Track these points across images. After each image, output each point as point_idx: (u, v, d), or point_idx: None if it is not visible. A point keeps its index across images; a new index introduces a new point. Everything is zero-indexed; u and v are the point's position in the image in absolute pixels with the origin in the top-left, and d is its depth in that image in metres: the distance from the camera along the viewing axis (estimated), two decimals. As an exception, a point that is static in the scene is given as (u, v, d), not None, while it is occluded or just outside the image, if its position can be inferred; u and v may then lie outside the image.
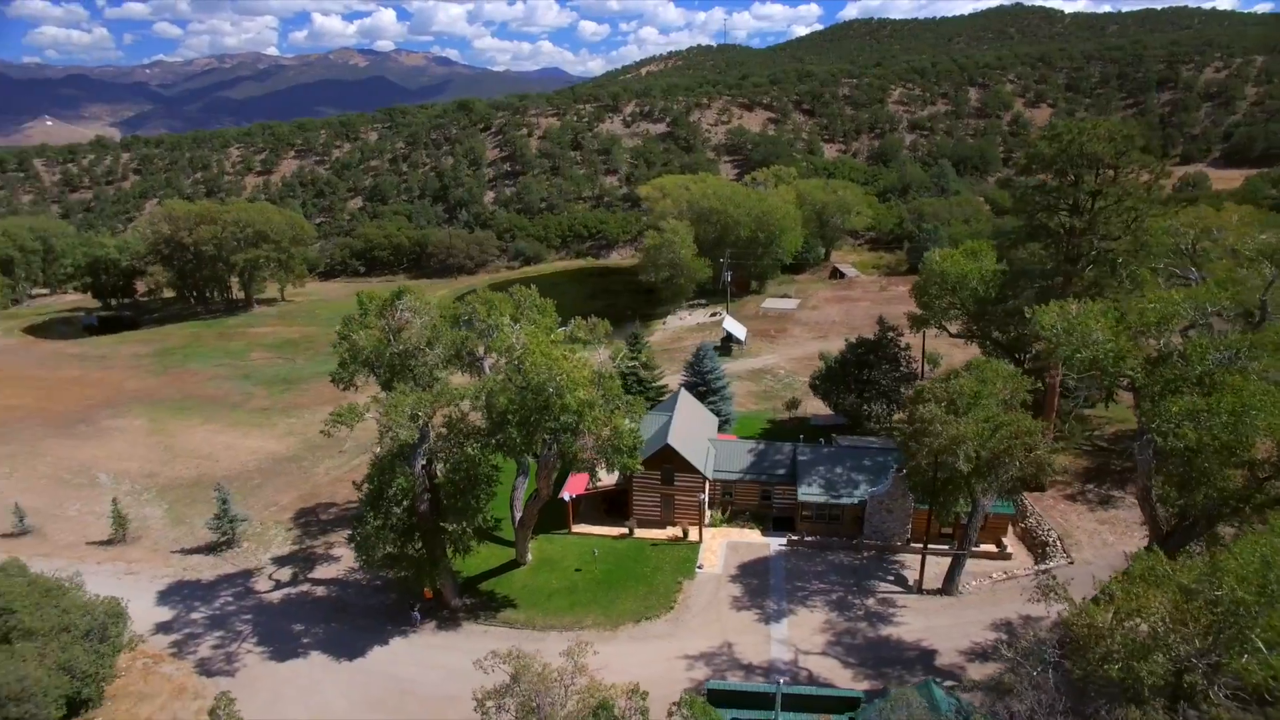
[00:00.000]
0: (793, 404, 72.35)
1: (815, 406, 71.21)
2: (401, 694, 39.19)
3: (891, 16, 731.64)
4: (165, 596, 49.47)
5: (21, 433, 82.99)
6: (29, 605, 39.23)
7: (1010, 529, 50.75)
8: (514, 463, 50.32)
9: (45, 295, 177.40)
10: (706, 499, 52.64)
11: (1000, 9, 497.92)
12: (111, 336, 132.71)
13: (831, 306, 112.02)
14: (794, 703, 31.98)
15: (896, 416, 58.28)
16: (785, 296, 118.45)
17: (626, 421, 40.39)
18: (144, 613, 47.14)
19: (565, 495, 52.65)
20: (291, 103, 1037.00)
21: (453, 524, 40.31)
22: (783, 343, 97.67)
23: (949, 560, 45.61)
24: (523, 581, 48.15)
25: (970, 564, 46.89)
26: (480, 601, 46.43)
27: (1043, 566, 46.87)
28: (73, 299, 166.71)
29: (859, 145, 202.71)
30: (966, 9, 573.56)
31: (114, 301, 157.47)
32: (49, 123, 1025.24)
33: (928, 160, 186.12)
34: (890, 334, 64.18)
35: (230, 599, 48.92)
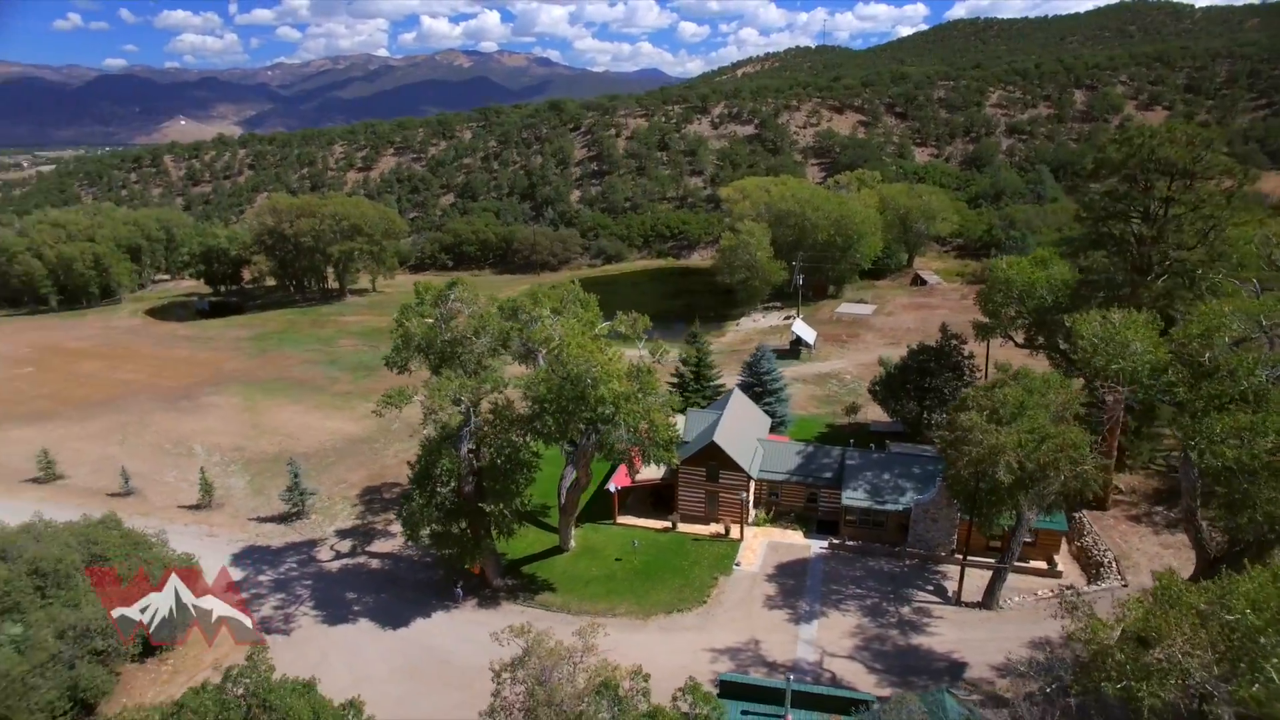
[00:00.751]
0: (852, 409, 71.53)
1: (876, 413, 70.21)
2: (438, 663, 41.25)
3: (1000, 16, 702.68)
4: (238, 558, 53.39)
5: (134, 405, 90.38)
6: (119, 554, 43.50)
7: (1064, 546, 49.01)
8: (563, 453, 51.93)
9: (166, 280, 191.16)
10: (751, 498, 52.94)
11: (1121, 5, 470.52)
12: (218, 320, 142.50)
13: (908, 313, 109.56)
14: (805, 700, 32.13)
15: (938, 423, 56.97)
16: (861, 302, 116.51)
17: (663, 415, 41.25)
18: (218, 572, 51.06)
19: (611, 486, 53.98)
20: (398, 102, 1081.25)
21: (491, 505, 42.02)
22: (853, 348, 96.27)
23: (991, 573, 44.48)
24: (563, 567, 49.66)
25: (1017, 580, 45.65)
26: (521, 583, 48.19)
27: (1095, 587, 45.12)
28: (189, 285, 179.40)
29: (952, 149, 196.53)
30: (1083, 6, 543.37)
31: (223, 288, 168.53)
32: (183, 122, 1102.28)
33: (1025, 166, 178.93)
34: (954, 341, 62.73)
35: (294, 565, 52.41)
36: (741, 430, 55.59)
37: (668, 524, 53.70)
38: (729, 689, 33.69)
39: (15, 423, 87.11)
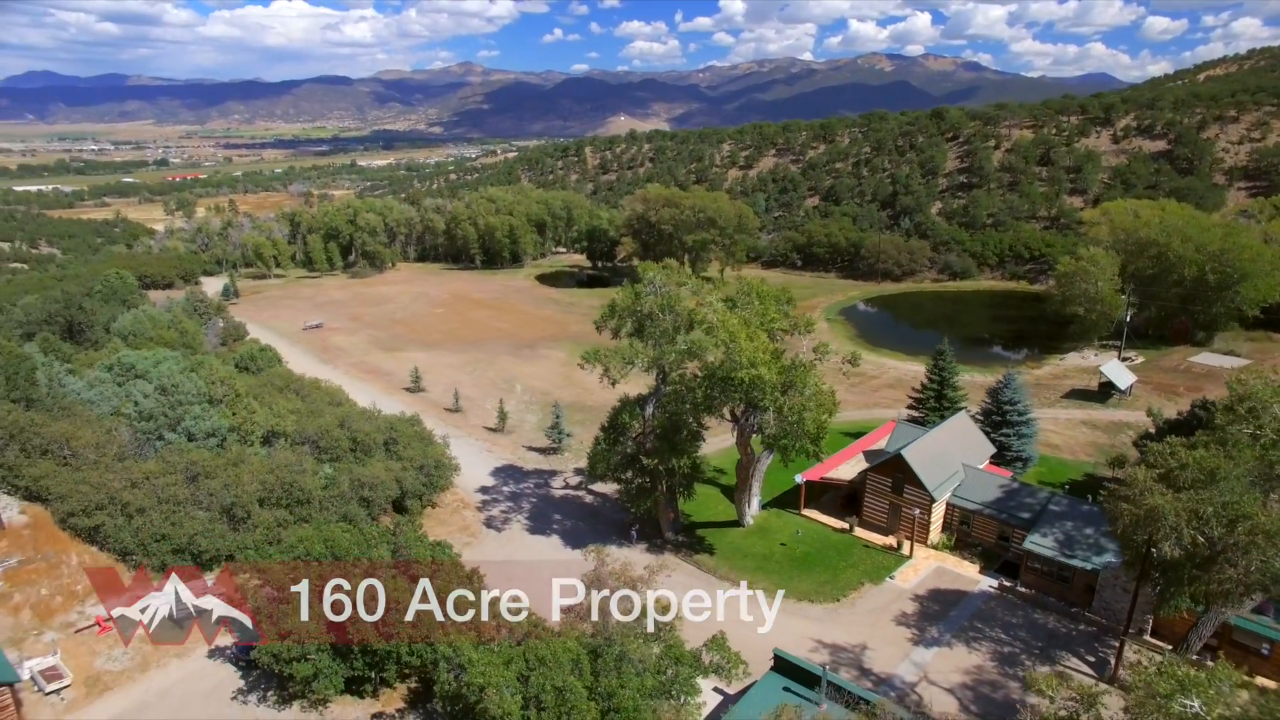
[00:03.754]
0: (1118, 462, 62.93)
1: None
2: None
3: None
4: (497, 472, 67.00)
5: (491, 348, 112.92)
6: (404, 440, 58.61)
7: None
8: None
9: (562, 253, 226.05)
10: (931, 518, 51.67)
11: None
12: (585, 290, 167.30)
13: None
14: (838, 694, 33.27)
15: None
16: (1231, 354, 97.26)
17: (816, 410, 43.58)
18: (479, 477, 65.21)
19: (798, 478, 56.55)
20: (814, 105, 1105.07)
21: (649, 460, 48.28)
22: (1185, 402, 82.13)
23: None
24: (732, 539, 54.01)
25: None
26: (689, 541, 53.76)
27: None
28: (576, 258, 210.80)
29: None
30: None
31: (600, 263, 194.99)
32: (622, 118, 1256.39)
33: None
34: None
35: (531, 485, 64.34)
36: (944, 452, 53.99)
37: (846, 525, 54.74)
38: (781, 664, 36.06)
39: (416, 347, 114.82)
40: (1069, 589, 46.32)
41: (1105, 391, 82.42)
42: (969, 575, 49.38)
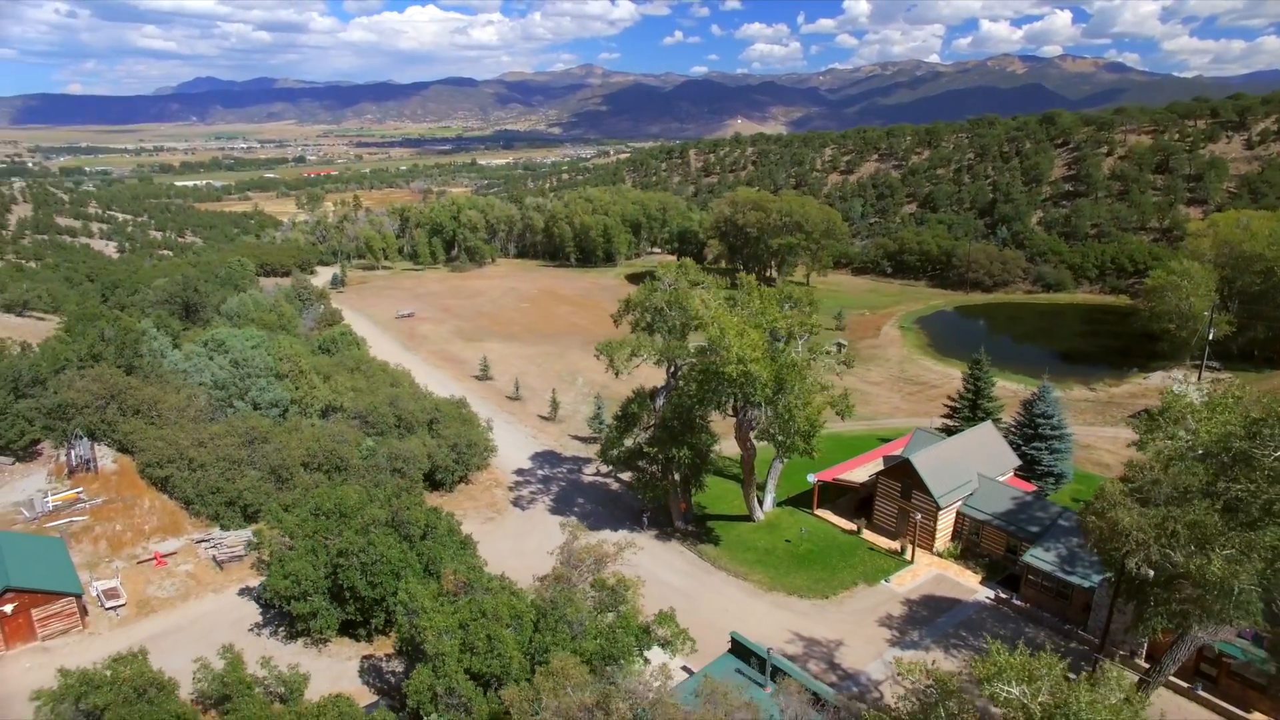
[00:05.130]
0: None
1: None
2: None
3: None
4: (536, 456, 70.88)
5: (565, 342, 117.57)
6: (446, 421, 63.27)
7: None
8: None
9: (656, 253, 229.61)
10: (937, 525, 51.67)
11: None
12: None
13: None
14: (780, 676, 34.74)
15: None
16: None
17: (809, 408, 44.91)
18: (518, 460, 69.31)
19: (811, 478, 57.52)
20: (937, 109, 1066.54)
21: (649, 448, 50.66)
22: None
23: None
24: (739, 533, 55.63)
25: (1185, 705, 38.08)
26: (696, 531, 55.79)
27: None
28: (669, 259, 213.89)
29: None
30: None
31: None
32: (739, 121, 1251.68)
33: None
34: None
35: (564, 470, 67.82)
36: (959, 460, 53.75)
37: (854, 527, 55.33)
38: (736, 647, 37.83)
39: (495, 338, 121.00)
40: (1068, 606, 45.59)
41: (1175, 412, 78.23)
42: (968, 585, 49.20)
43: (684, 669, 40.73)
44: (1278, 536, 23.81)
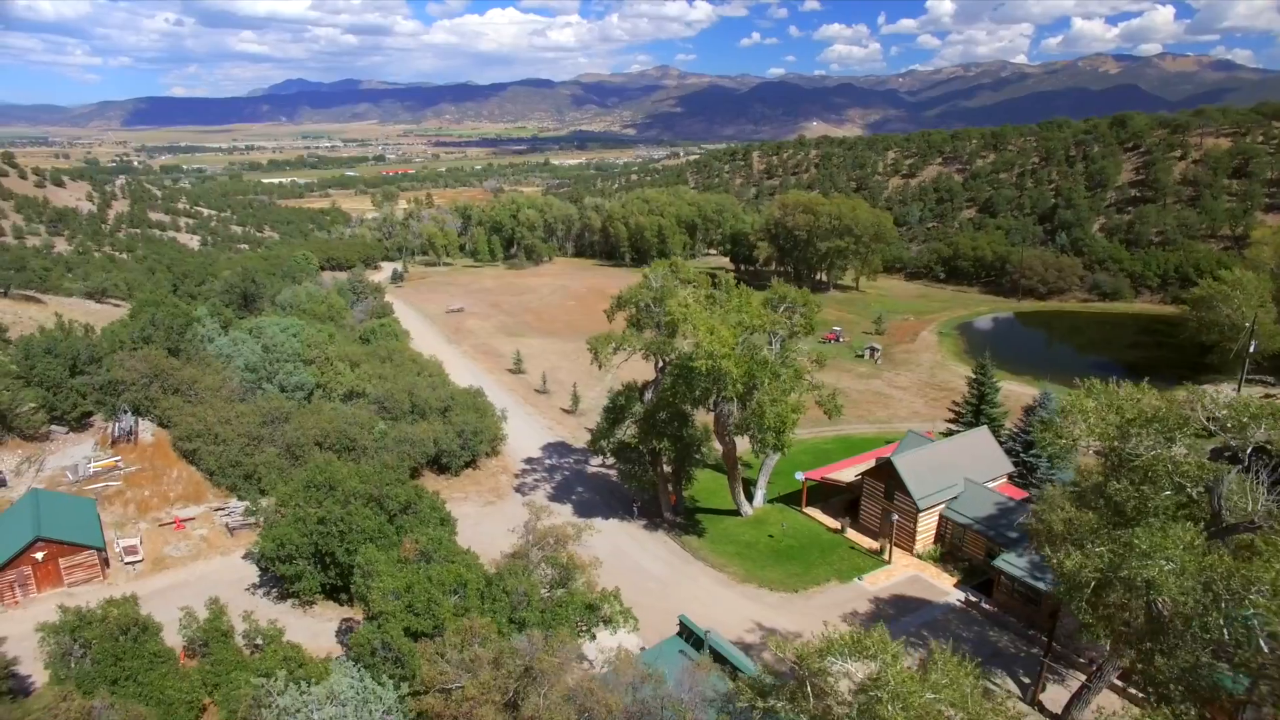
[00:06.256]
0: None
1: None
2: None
3: None
4: (547, 447, 73.74)
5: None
6: (458, 409, 66.62)
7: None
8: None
9: (712, 255, 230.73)
10: (917, 527, 52.16)
11: None
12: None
13: None
14: (719, 658, 36.35)
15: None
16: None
17: (780, 405, 46.31)
18: (529, 449, 72.25)
19: (799, 475, 58.57)
20: (1022, 111, 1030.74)
21: (633, 440, 52.65)
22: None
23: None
24: (724, 526, 57.13)
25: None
26: (684, 523, 57.52)
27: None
28: (722, 261, 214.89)
29: None
30: None
31: (742, 267, 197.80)
32: (814, 124, 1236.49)
33: None
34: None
35: (572, 460, 70.44)
36: (945, 464, 54.05)
37: (839, 526, 56.18)
38: (683, 629, 39.60)
39: (536, 334, 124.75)
40: (1037, 612, 45.61)
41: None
42: (942, 587, 49.60)
43: (641, 649, 42.77)
44: (1148, 537, 24.28)
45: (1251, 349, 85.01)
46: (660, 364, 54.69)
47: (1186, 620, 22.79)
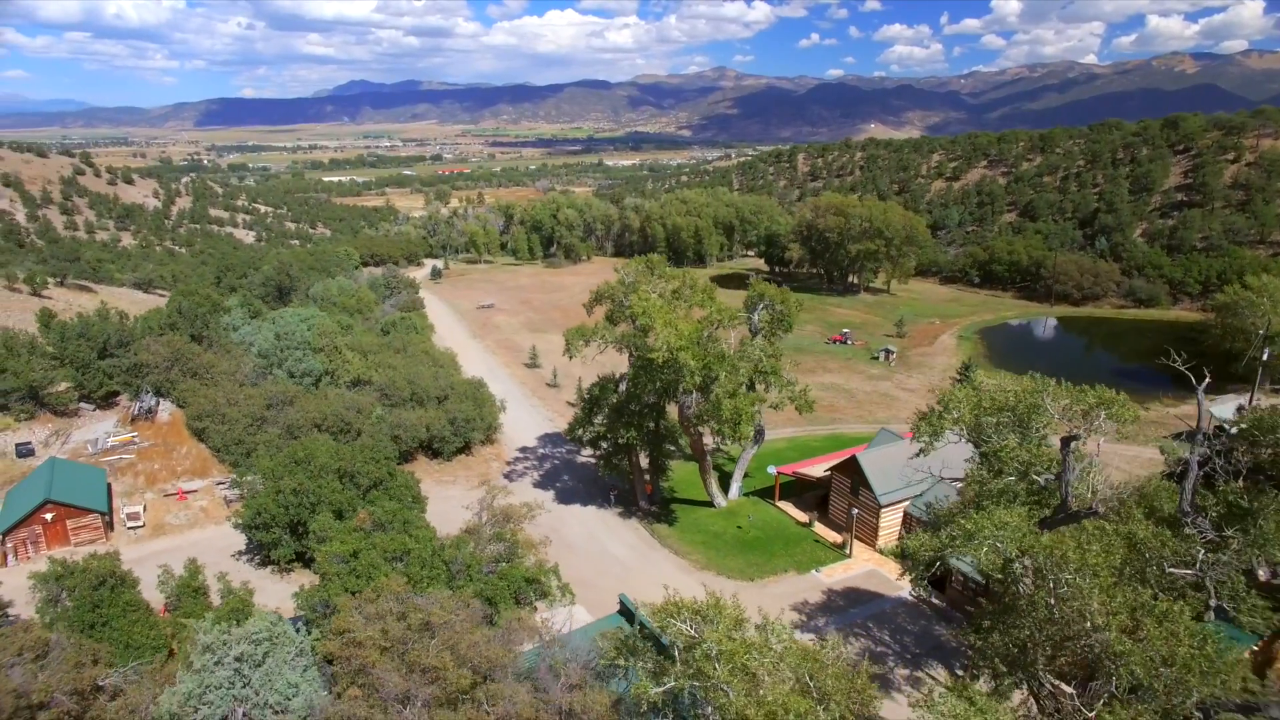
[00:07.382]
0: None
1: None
2: (551, 530, 56.33)
3: None
4: (543, 437, 76.58)
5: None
6: (455, 398, 69.77)
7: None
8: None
9: (750, 256, 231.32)
10: (880, 523, 53.23)
11: None
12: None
13: None
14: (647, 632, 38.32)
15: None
16: None
17: (739, 399, 48.07)
18: (525, 438, 75.05)
19: (771, 469, 60.01)
20: (1090, 113, 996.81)
21: (602, 429, 54.88)
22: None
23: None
24: (697, 518, 58.91)
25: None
26: (657, 513, 59.52)
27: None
28: (757, 262, 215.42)
29: None
30: None
31: (776, 268, 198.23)
32: (872, 126, 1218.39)
33: None
34: None
35: (563, 451, 73.15)
36: (916, 462, 54.77)
37: (806, 519, 57.48)
38: (623, 607, 41.65)
39: (558, 330, 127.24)
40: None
41: (1216, 433, 74.75)
42: (899, 582, 50.58)
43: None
44: (980, 520, 25.50)
45: (1265, 356, 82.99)
46: (631, 355, 56.78)
47: (1028, 600, 24.02)
